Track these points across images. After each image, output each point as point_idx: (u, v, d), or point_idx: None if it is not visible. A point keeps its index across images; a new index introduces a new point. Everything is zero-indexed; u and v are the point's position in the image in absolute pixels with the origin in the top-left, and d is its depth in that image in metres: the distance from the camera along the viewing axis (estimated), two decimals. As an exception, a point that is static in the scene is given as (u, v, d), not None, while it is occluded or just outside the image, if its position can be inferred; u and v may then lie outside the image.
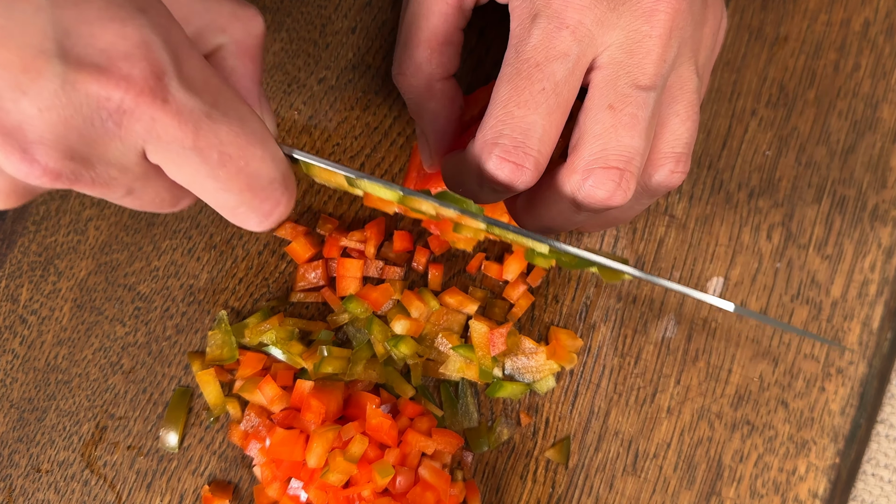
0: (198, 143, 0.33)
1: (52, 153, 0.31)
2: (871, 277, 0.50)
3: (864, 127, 0.51)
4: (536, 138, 0.38)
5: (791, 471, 0.49)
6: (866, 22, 0.52)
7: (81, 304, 0.50)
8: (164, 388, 0.49)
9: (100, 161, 0.33)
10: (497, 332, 0.46)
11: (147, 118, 0.32)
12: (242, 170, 0.34)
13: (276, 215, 0.37)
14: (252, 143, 0.34)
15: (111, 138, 0.32)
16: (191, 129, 0.32)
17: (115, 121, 0.31)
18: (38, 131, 0.31)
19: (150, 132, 0.32)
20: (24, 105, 0.30)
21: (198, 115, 0.33)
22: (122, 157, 0.33)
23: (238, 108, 0.35)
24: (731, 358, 0.49)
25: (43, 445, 0.49)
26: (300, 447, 0.45)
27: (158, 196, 0.36)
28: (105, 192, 0.34)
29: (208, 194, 0.35)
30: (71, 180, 0.32)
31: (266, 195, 0.36)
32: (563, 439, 0.49)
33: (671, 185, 0.42)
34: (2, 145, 0.31)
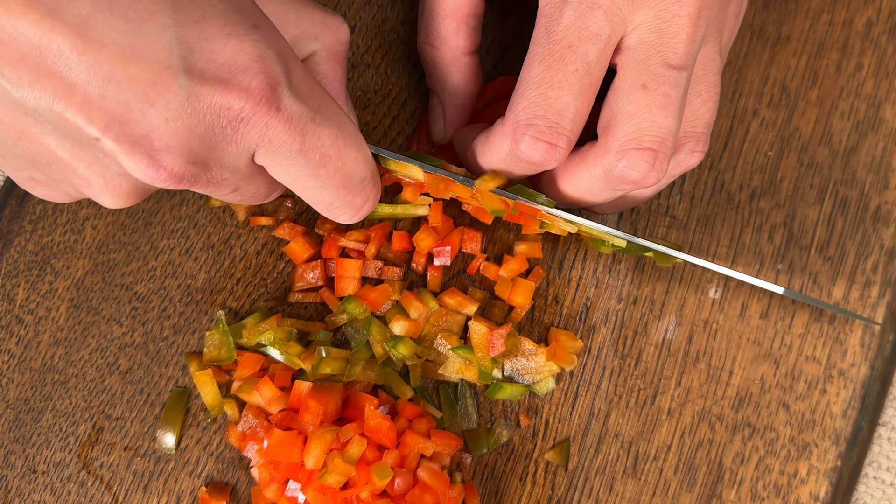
0: (304, 146, 0.36)
1: (177, 159, 0.34)
2: (874, 279, 0.50)
3: (867, 127, 0.51)
4: (569, 119, 0.39)
5: (792, 473, 0.48)
6: (869, 22, 0.52)
7: (78, 304, 0.49)
8: (162, 388, 0.49)
9: (216, 164, 0.35)
10: (496, 333, 0.46)
11: (262, 125, 0.34)
12: (340, 169, 0.38)
13: (365, 209, 0.41)
14: (349, 144, 0.38)
15: (228, 143, 0.35)
16: (298, 133, 0.35)
17: (234, 128, 0.34)
18: (164, 139, 0.33)
19: (263, 137, 0.35)
20: (152, 116, 0.33)
21: (304, 121, 0.36)
22: (236, 161, 0.36)
23: (336, 112, 0.37)
24: (731, 360, 0.49)
25: (39, 446, 0.48)
26: (298, 448, 0.45)
27: (258, 191, 0.39)
28: (215, 191, 0.37)
29: (307, 192, 0.38)
30: (190, 182, 0.35)
31: (358, 191, 0.39)
32: (563, 441, 0.49)
33: (690, 164, 0.42)
34: (130, 152, 0.33)
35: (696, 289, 0.50)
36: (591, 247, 0.47)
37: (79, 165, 0.35)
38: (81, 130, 0.33)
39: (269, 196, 0.40)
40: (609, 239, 0.45)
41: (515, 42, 0.52)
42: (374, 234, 0.49)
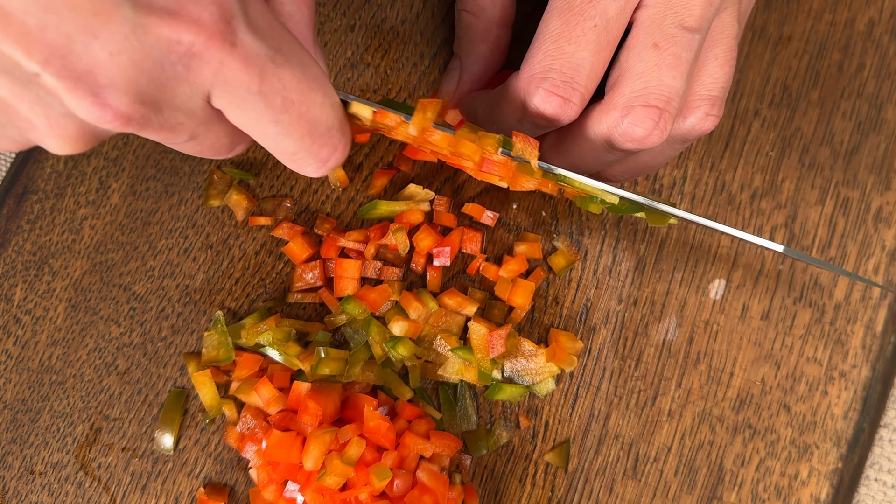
0: (263, 87, 0.33)
1: (123, 97, 0.31)
2: (875, 280, 0.50)
3: (869, 128, 0.51)
4: (585, 74, 0.39)
5: (793, 475, 0.48)
6: (871, 22, 0.52)
7: (76, 304, 0.49)
8: (160, 389, 0.49)
9: (168, 105, 0.33)
10: (496, 333, 0.46)
11: (216, 62, 0.32)
12: (304, 115, 0.35)
13: (332, 161, 0.38)
14: (313, 88, 0.35)
15: (180, 82, 0.32)
16: (257, 73, 0.33)
17: (185, 64, 0.32)
18: (109, 75, 0.31)
19: (217, 76, 0.32)
20: (95, 49, 0.30)
21: (263, 60, 0.33)
22: (189, 102, 0.33)
23: (299, 53, 0.35)
24: (732, 361, 0.49)
25: (36, 447, 0.48)
26: (297, 449, 0.44)
27: (218, 141, 0.36)
28: (170, 137, 0.34)
29: (269, 139, 0.36)
30: (140, 124, 0.33)
31: (325, 141, 0.37)
32: (563, 443, 0.48)
33: (704, 129, 0.42)
34: (73, 89, 0.31)
35: (696, 290, 0.50)
36: (579, 205, 0.44)
37: (21, 106, 0.32)
38: (20, 65, 0.30)
39: (231, 148, 0.38)
40: (599, 195, 0.42)
41: (515, 41, 0.52)
42: (374, 234, 0.49)
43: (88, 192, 0.50)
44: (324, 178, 0.50)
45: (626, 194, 0.42)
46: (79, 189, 0.50)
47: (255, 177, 0.50)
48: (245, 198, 0.49)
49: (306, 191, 0.50)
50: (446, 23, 0.52)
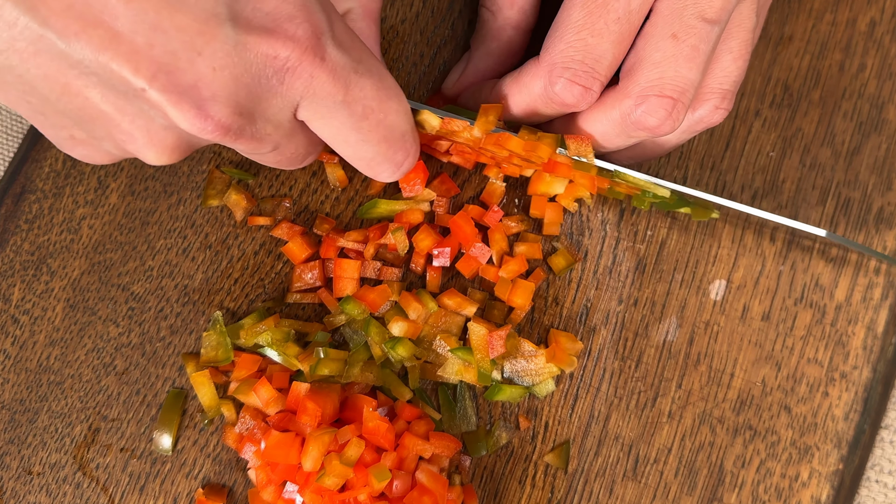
0: (347, 97, 0.36)
1: (224, 109, 0.33)
2: (876, 281, 0.49)
3: (870, 128, 0.51)
4: (606, 65, 0.40)
5: (794, 477, 0.48)
6: (872, 22, 0.52)
7: (74, 304, 0.49)
8: (158, 389, 0.48)
9: (261, 117, 0.35)
10: (496, 334, 0.46)
11: (307, 75, 0.34)
12: (381, 122, 0.38)
13: (406, 165, 0.41)
14: (390, 97, 0.38)
15: (274, 94, 0.35)
16: (342, 84, 0.35)
17: (280, 78, 0.34)
18: (212, 89, 0.33)
19: (308, 88, 0.35)
20: (200, 65, 0.32)
21: (348, 72, 0.36)
22: (279, 114, 0.36)
23: (376, 65, 0.38)
24: (733, 362, 0.49)
25: (34, 447, 0.48)
26: (296, 450, 0.44)
27: (297, 151, 0.39)
28: (257, 147, 0.36)
29: (349, 146, 0.38)
30: (236, 135, 0.35)
31: (399, 146, 0.39)
32: (563, 444, 0.48)
33: (713, 121, 0.42)
34: (178, 102, 0.33)
35: (697, 290, 0.49)
36: (634, 204, 0.46)
37: (123, 119, 0.34)
38: (127, 81, 0.32)
39: (306, 158, 0.40)
40: (652, 190, 0.44)
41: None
42: (373, 234, 0.48)
43: (87, 192, 0.50)
44: (323, 178, 0.50)
45: (677, 187, 0.44)
46: (77, 189, 0.50)
47: (254, 176, 0.50)
48: (244, 198, 0.49)
49: (305, 191, 0.50)
50: (446, 22, 0.52)
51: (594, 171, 0.44)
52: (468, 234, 0.48)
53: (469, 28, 0.52)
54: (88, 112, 0.34)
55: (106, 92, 0.33)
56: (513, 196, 0.50)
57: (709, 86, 0.41)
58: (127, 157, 0.38)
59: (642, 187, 0.44)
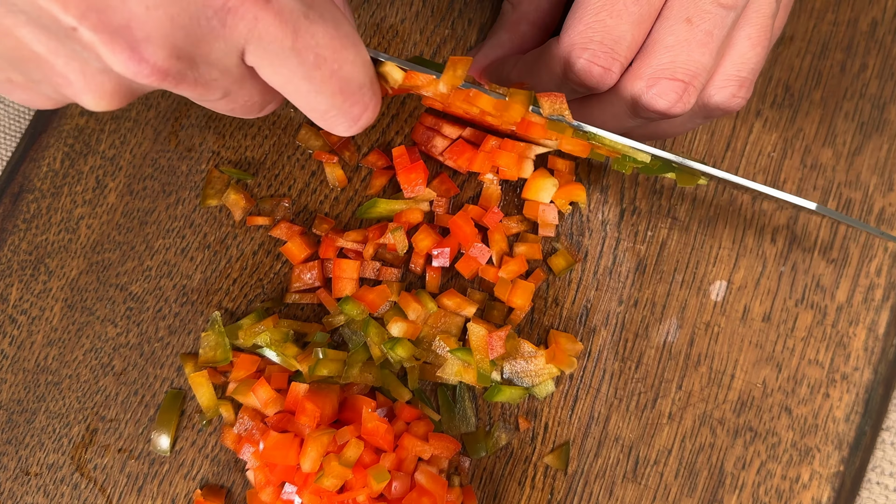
0: (296, 43, 0.34)
1: (160, 51, 0.32)
2: (878, 282, 0.49)
3: (871, 129, 0.51)
4: (625, 46, 0.40)
5: (794, 478, 0.48)
6: (874, 22, 0.51)
7: (72, 304, 0.49)
8: (156, 390, 0.48)
9: (203, 61, 0.33)
10: (496, 335, 0.46)
11: (250, 17, 0.32)
12: (336, 73, 0.36)
13: (363, 120, 0.38)
14: (346, 45, 0.35)
15: (215, 37, 0.32)
16: (290, 29, 0.33)
17: (220, 19, 0.32)
18: (146, 29, 0.31)
19: (252, 31, 0.33)
20: (132, 3, 0.31)
21: (297, 16, 0.33)
22: (224, 58, 0.33)
23: (331, 9, 0.35)
24: (733, 363, 0.49)
25: (32, 448, 0.48)
26: (294, 451, 0.44)
27: (251, 99, 0.37)
28: (203, 94, 0.35)
29: (301, 97, 0.36)
30: (176, 80, 0.33)
31: (356, 99, 0.37)
32: (563, 445, 0.48)
33: (730, 108, 0.42)
34: (110, 42, 0.31)
35: (697, 291, 0.49)
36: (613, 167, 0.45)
37: (57, 61, 0.33)
38: (57, 19, 0.31)
39: (262, 107, 0.38)
40: (631, 154, 0.43)
41: (516, 41, 0.51)
42: (372, 234, 0.48)
43: (85, 192, 0.49)
44: (322, 178, 0.50)
45: (657, 152, 0.43)
46: (75, 188, 0.49)
47: (252, 176, 0.50)
48: (243, 197, 0.49)
49: (304, 190, 0.50)
50: (446, 21, 0.51)
51: (569, 133, 0.42)
52: (468, 234, 0.48)
53: (469, 27, 0.51)
54: (22, 53, 0.33)
55: (37, 31, 0.32)
56: (512, 197, 0.50)
57: (727, 73, 0.41)
58: (67, 102, 0.37)
59: (620, 151, 0.43)
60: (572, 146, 0.45)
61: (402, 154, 0.48)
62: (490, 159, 0.47)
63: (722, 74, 0.41)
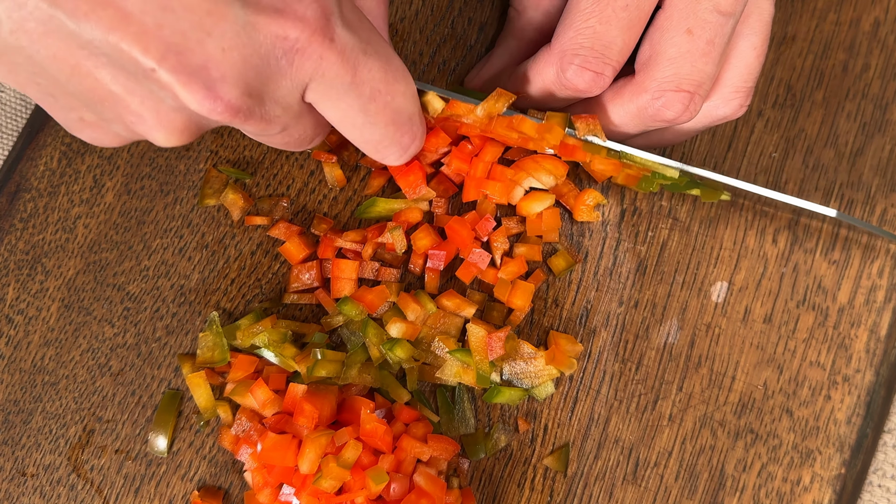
0: (355, 79, 0.36)
1: (234, 90, 0.33)
2: (880, 283, 0.49)
3: (874, 129, 0.50)
4: (616, 51, 0.40)
5: (795, 481, 0.48)
6: (876, 21, 0.51)
7: (69, 304, 0.48)
8: (154, 390, 0.48)
9: (269, 98, 0.35)
10: (495, 336, 0.45)
11: (316, 56, 0.34)
12: (389, 105, 0.38)
13: (413, 148, 0.41)
14: (398, 79, 0.38)
15: (283, 76, 0.35)
16: (350, 66, 0.36)
17: (289, 59, 0.34)
18: (221, 69, 0.33)
19: (317, 69, 0.35)
20: (209, 45, 0.32)
21: (357, 53, 0.36)
22: (288, 95, 0.36)
23: (384, 46, 0.38)
24: (734, 365, 0.48)
25: (28, 448, 0.48)
26: (292, 452, 0.44)
27: (305, 133, 0.39)
28: (265, 129, 0.36)
29: (356, 129, 0.38)
30: (245, 116, 0.35)
31: (406, 129, 0.40)
32: (562, 447, 0.48)
33: (736, 116, 0.43)
34: (187, 83, 0.33)
35: (698, 292, 0.49)
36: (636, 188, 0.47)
37: (132, 100, 0.34)
38: (137, 62, 0.32)
39: (313, 139, 0.40)
40: (661, 171, 0.44)
41: (516, 40, 0.51)
42: (371, 234, 0.48)
43: (82, 191, 0.49)
44: (321, 178, 0.50)
45: (686, 167, 0.44)
46: (72, 187, 0.49)
47: (251, 176, 0.49)
48: (241, 197, 0.49)
49: (303, 190, 0.50)
50: (446, 21, 0.51)
51: (604, 153, 0.44)
52: (465, 237, 0.47)
53: (469, 26, 0.51)
54: (98, 93, 0.34)
55: (116, 73, 0.33)
56: (512, 196, 0.50)
57: (733, 84, 0.42)
58: (136, 139, 0.38)
59: (651, 168, 0.44)
60: (604, 166, 0.46)
61: None
62: (478, 186, 0.47)
63: (728, 86, 0.42)
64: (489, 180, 0.47)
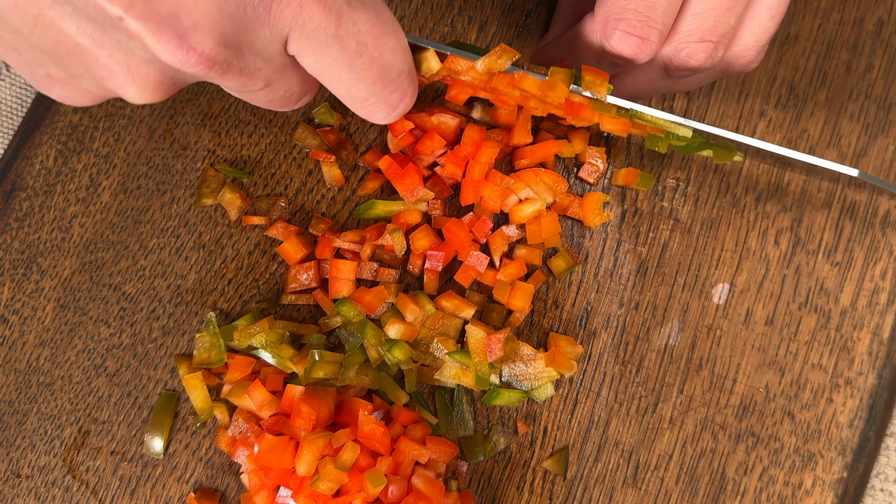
0: (339, 31, 0.34)
1: (208, 39, 0.32)
2: (882, 285, 0.49)
3: (877, 130, 0.50)
4: (661, 12, 0.39)
5: (797, 484, 0.47)
6: (880, 21, 0.51)
7: (65, 303, 0.48)
8: (150, 391, 0.48)
9: (249, 49, 0.33)
10: (494, 337, 0.45)
11: (295, 4, 0.32)
12: (376, 60, 0.36)
13: (402, 107, 0.39)
14: (386, 32, 0.36)
15: (261, 24, 0.32)
16: (334, 16, 0.33)
17: (266, 6, 0.32)
18: (193, 17, 0.31)
19: (296, 18, 0.33)
20: None
21: (340, 3, 0.33)
22: (268, 46, 0.33)
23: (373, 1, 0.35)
24: (736, 367, 0.48)
25: (23, 450, 0.47)
26: (289, 454, 0.44)
27: (291, 89, 0.37)
28: (247, 83, 0.35)
29: (341, 85, 0.36)
30: (223, 69, 0.33)
31: (395, 86, 0.38)
32: (562, 449, 0.47)
33: (748, 70, 0.43)
34: (157, 31, 0.31)
35: (699, 294, 0.49)
36: (647, 146, 0.45)
37: (101, 53, 0.32)
38: (103, 9, 0.30)
39: (301, 97, 0.38)
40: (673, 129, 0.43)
41: (516, 38, 0.51)
42: (370, 234, 0.48)
43: (78, 190, 0.49)
44: (319, 177, 0.49)
45: (700, 126, 0.43)
46: (69, 186, 0.49)
47: (248, 175, 0.49)
48: (238, 196, 0.49)
49: (301, 190, 0.49)
50: (445, 19, 0.51)
51: (613, 112, 0.43)
52: (462, 239, 0.47)
53: (469, 25, 0.51)
54: (64, 46, 0.32)
55: (81, 22, 0.31)
56: (512, 197, 0.49)
57: (745, 42, 0.42)
58: (109, 96, 0.36)
59: (663, 127, 0.43)
60: (613, 125, 0.44)
61: (390, 164, 0.47)
62: (475, 188, 0.47)
63: (742, 45, 0.41)
64: (486, 182, 0.47)
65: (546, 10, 0.51)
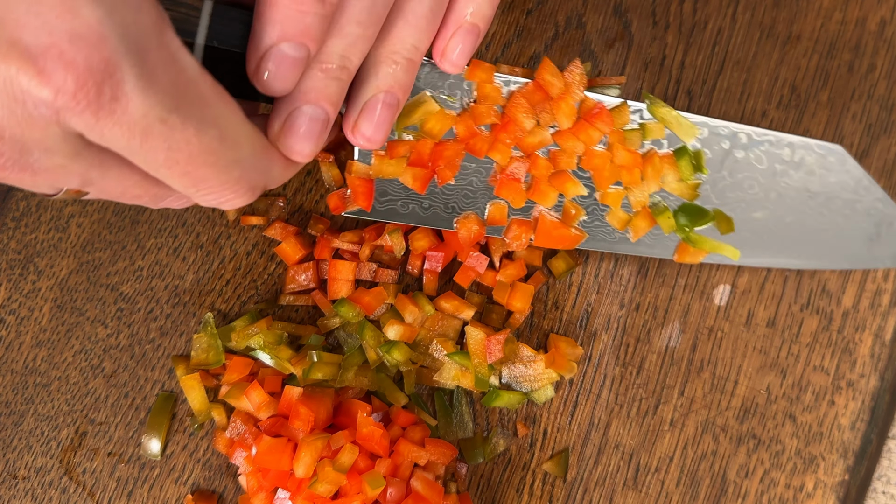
0: (144, 146, 0.29)
1: None
2: (885, 287, 0.48)
3: (879, 131, 0.50)
4: None
5: (798, 487, 0.47)
6: (882, 21, 0.51)
7: (62, 304, 0.48)
8: (147, 392, 0.47)
9: (38, 146, 0.29)
10: (494, 338, 0.45)
11: (83, 124, 0.28)
12: (189, 174, 0.31)
13: (229, 206, 0.34)
14: (204, 152, 0.31)
15: (49, 123, 0.28)
16: (138, 134, 0.29)
17: (52, 113, 0.28)
18: None
19: (91, 132, 0.28)
20: None
21: (150, 121, 0.29)
22: (64, 144, 0.29)
23: (202, 111, 0.31)
24: (737, 369, 0.48)
25: (20, 451, 0.47)
26: (288, 456, 0.43)
27: (133, 188, 0.33)
28: (54, 181, 0.30)
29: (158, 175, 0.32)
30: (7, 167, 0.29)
31: (220, 192, 0.33)
32: (562, 451, 0.47)
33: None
34: None
35: (700, 295, 0.48)
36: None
37: None
38: None
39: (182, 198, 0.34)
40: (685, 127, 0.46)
41: (516, 38, 0.51)
42: (369, 235, 0.47)
43: (76, 189, 0.49)
44: (318, 177, 0.49)
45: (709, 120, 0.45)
46: (66, 186, 0.49)
47: (247, 175, 0.49)
48: (237, 196, 0.48)
49: (300, 190, 0.49)
50: (446, 18, 0.50)
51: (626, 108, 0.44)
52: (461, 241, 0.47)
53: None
54: None
55: None
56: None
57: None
58: None
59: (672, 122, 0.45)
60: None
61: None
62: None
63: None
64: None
65: (546, 10, 0.51)
